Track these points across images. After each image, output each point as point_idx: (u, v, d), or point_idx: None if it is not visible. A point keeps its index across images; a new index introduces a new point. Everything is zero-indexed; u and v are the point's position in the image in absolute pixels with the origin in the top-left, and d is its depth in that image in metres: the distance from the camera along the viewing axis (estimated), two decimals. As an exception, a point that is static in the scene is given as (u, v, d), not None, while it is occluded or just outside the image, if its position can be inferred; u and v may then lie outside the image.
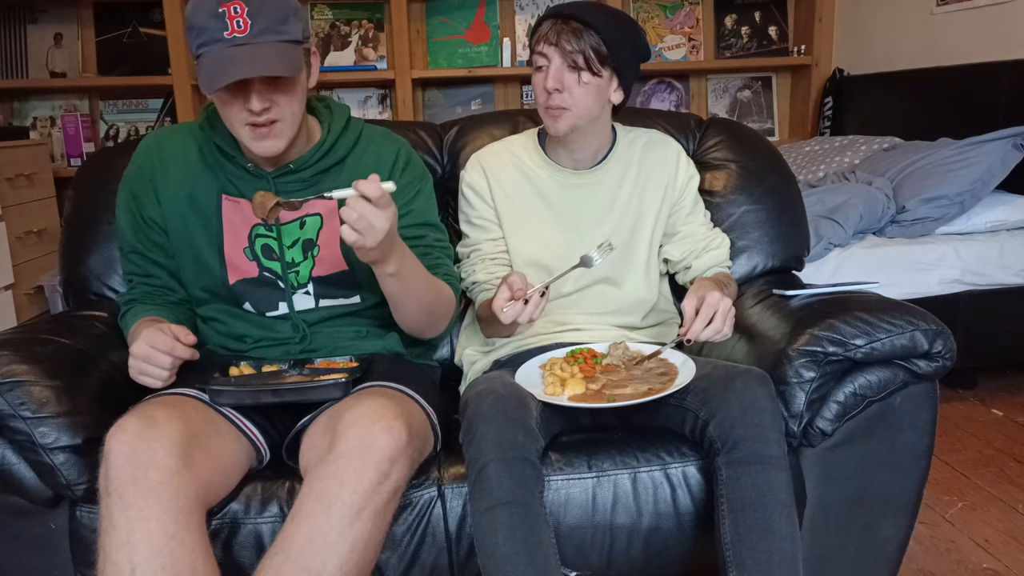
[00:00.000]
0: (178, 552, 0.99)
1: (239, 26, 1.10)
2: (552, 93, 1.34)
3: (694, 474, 1.22)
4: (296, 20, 1.16)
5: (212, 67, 1.10)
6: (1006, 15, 2.66)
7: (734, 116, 3.73)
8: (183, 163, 1.32)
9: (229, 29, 1.10)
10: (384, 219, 1.08)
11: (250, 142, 1.19)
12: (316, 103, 1.36)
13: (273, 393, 1.18)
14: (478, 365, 1.48)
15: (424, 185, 1.39)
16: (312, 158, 1.29)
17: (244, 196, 1.31)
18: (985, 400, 2.47)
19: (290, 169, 1.29)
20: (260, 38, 1.11)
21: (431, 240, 1.38)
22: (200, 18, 1.11)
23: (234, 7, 1.10)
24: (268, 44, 1.12)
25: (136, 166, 1.35)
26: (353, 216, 1.07)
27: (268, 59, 1.11)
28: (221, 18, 1.10)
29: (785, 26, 3.65)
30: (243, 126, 1.18)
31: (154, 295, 1.36)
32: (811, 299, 1.35)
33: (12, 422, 1.13)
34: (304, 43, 1.18)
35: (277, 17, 1.12)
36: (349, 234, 1.08)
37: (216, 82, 1.09)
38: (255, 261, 1.32)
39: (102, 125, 3.44)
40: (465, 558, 1.19)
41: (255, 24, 1.10)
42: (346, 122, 1.35)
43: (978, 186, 2.37)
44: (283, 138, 1.20)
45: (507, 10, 3.53)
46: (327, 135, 1.31)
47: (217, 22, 1.10)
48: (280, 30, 1.13)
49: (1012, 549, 1.68)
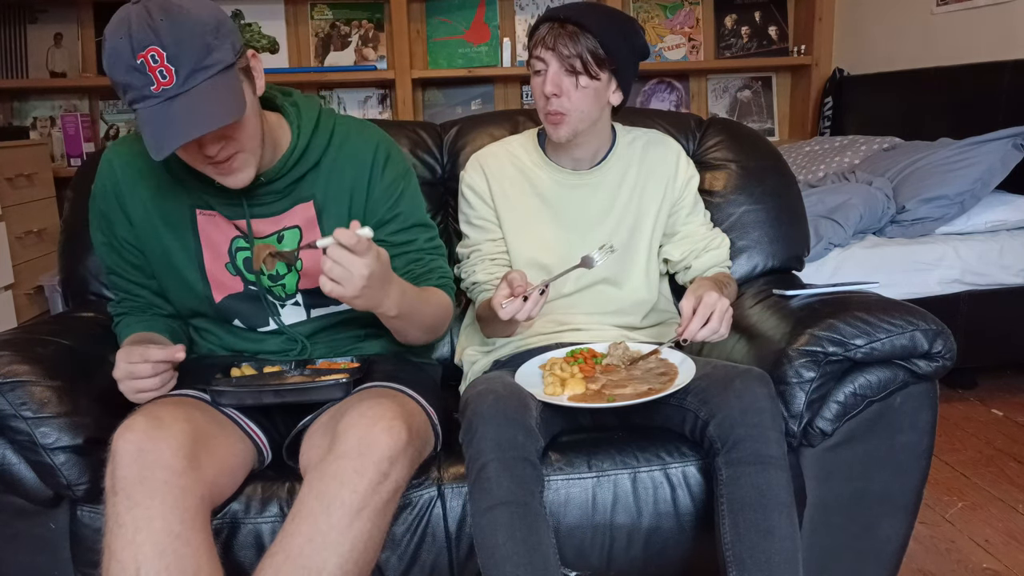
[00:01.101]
0: (183, 552, 0.99)
1: (163, 76, 1.01)
2: (551, 98, 1.34)
3: (694, 474, 1.22)
4: (220, 41, 1.05)
5: (152, 131, 1.03)
6: (1006, 15, 2.66)
7: (734, 116, 3.73)
8: (150, 177, 1.25)
9: (155, 83, 1.01)
10: (363, 266, 1.04)
11: (218, 178, 1.15)
12: (282, 100, 1.27)
13: (275, 393, 1.18)
14: (478, 365, 1.48)
15: (407, 182, 1.33)
16: (284, 168, 1.22)
17: (217, 210, 1.24)
18: (985, 400, 2.47)
19: (261, 182, 1.21)
20: (190, 82, 1.02)
21: (421, 243, 1.34)
22: (119, 74, 1.01)
23: (151, 55, 1.00)
24: (202, 87, 1.03)
25: (101, 184, 1.27)
26: (327, 264, 1.03)
27: (207, 108, 1.02)
28: (142, 70, 1.00)
29: (785, 26, 3.65)
30: (206, 166, 1.13)
31: (144, 308, 1.33)
32: (811, 299, 1.35)
33: (13, 422, 1.13)
34: (236, 62, 1.08)
35: (199, 50, 1.02)
36: (326, 283, 1.04)
37: (163, 149, 1.02)
38: (238, 275, 1.28)
39: (102, 125, 3.44)
40: (465, 558, 1.20)
41: (180, 69, 1.01)
42: (316, 120, 1.26)
43: (978, 186, 2.37)
44: (250, 166, 1.14)
45: (507, 10, 3.53)
46: (297, 140, 1.22)
47: (139, 76, 1.00)
48: (207, 65, 1.03)
49: (1012, 549, 1.68)
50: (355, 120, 1.34)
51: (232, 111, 1.05)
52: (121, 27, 1.01)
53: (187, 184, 1.23)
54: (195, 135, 1.02)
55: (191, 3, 1.04)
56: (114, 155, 1.27)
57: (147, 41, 0.99)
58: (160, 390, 1.15)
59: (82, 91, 3.39)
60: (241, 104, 1.07)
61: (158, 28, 1.00)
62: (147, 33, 0.99)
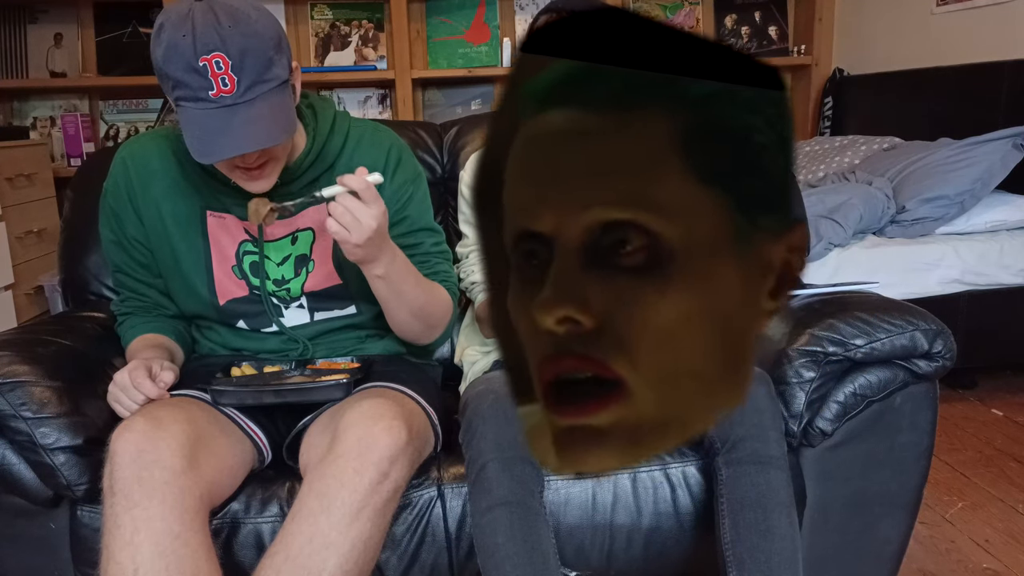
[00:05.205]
0: (182, 552, 0.99)
1: (225, 84, 1.01)
2: None
3: (694, 474, 1.22)
4: (280, 56, 1.06)
5: (201, 134, 1.03)
6: (1006, 15, 2.66)
7: (734, 116, 3.72)
8: (164, 178, 1.25)
9: (214, 88, 1.01)
10: (370, 216, 1.05)
11: (243, 183, 1.15)
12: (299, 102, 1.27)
13: (275, 393, 1.18)
14: (478, 365, 1.48)
15: (417, 186, 1.34)
16: (299, 169, 1.23)
17: (230, 212, 1.25)
18: (985, 400, 2.47)
19: (277, 184, 1.21)
20: (249, 94, 1.02)
21: (428, 247, 1.34)
22: (176, 71, 1.01)
23: (216, 61, 0.99)
24: (259, 101, 1.03)
25: (113, 180, 1.27)
26: (339, 210, 1.05)
27: (264, 123, 1.04)
28: (203, 74, 1.00)
29: (785, 26, 3.65)
30: (233, 170, 1.13)
31: (149, 308, 1.33)
32: (811, 299, 1.35)
33: (13, 422, 1.13)
34: (290, 78, 1.10)
35: (262, 64, 1.03)
36: (333, 226, 1.06)
37: (213, 155, 1.03)
38: (244, 279, 1.28)
39: (102, 125, 3.44)
40: (465, 558, 1.19)
41: (242, 80, 1.01)
42: (332, 123, 1.27)
43: (978, 186, 2.37)
44: (276, 173, 1.16)
45: (507, 10, 3.52)
46: (312, 143, 1.23)
47: (199, 79, 1.00)
48: (267, 79, 1.04)
49: (1012, 549, 1.68)
50: (369, 123, 1.35)
51: (286, 129, 1.07)
52: (183, 24, 1.00)
53: (200, 186, 1.24)
54: (250, 149, 1.03)
55: (255, 13, 1.05)
56: (128, 154, 1.28)
57: (213, 46, 0.99)
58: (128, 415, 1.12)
59: (82, 91, 3.39)
60: (293, 122, 1.09)
61: (226, 35, 1.00)
62: (214, 38, 0.99)
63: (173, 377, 1.16)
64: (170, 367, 1.17)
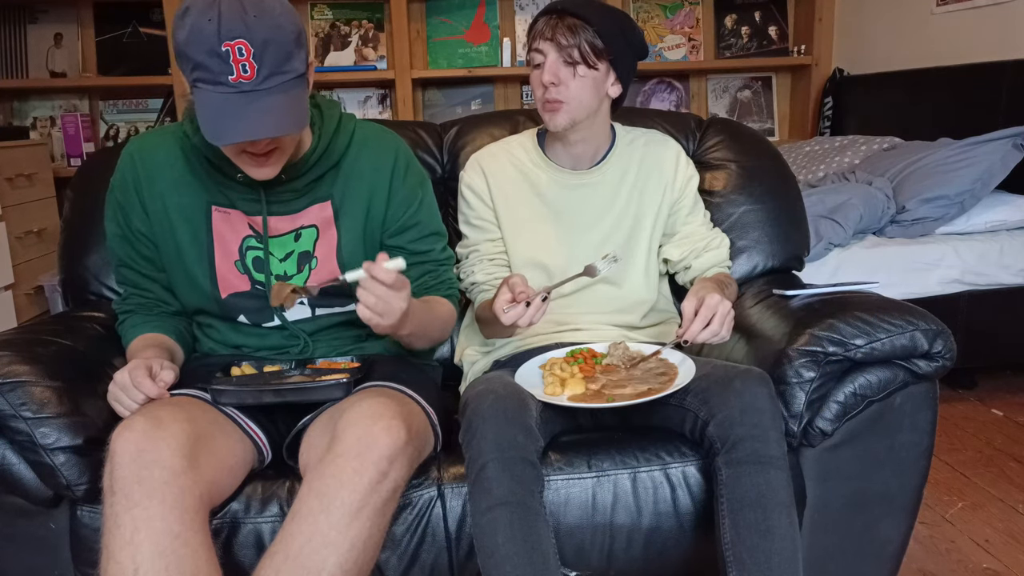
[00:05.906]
0: (182, 552, 0.99)
1: (245, 71, 1.03)
2: (548, 87, 1.34)
3: (694, 474, 1.22)
4: (299, 50, 1.09)
5: (216, 116, 1.05)
6: (1006, 15, 2.66)
7: (734, 116, 3.73)
8: (170, 172, 1.27)
9: (234, 73, 1.03)
10: (401, 300, 1.09)
11: (248, 169, 1.16)
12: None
13: (275, 393, 1.18)
14: (478, 365, 1.48)
15: (425, 192, 1.37)
16: (305, 166, 1.24)
17: (235, 207, 1.27)
18: (985, 400, 2.47)
19: (281, 179, 1.23)
20: (267, 83, 1.05)
21: (436, 254, 1.38)
22: (198, 53, 1.02)
23: (238, 47, 1.02)
24: (276, 91, 1.06)
25: (120, 175, 1.29)
26: (372, 300, 1.08)
27: (279, 112, 1.06)
28: (224, 59, 1.02)
29: (785, 26, 3.65)
30: (240, 154, 1.14)
31: (150, 307, 1.34)
32: (811, 299, 1.35)
33: (13, 422, 1.13)
34: (307, 72, 1.12)
35: (282, 56, 1.05)
36: (365, 312, 1.09)
37: (225, 137, 1.05)
38: (246, 274, 1.29)
39: (102, 125, 3.44)
40: (465, 558, 1.19)
41: (261, 68, 1.04)
42: (337, 123, 1.28)
43: (978, 186, 2.37)
44: (281, 162, 1.17)
45: (507, 10, 3.53)
46: (318, 141, 1.25)
47: (220, 63, 1.02)
48: (285, 70, 1.06)
49: (1012, 549, 1.68)
50: (374, 124, 1.37)
51: (299, 121, 1.10)
52: (210, 9, 1.02)
53: (206, 181, 1.26)
54: (264, 136, 1.06)
55: (280, 7, 1.07)
56: (135, 149, 1.30)
57: (238, 33, 1.02)
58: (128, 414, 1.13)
59: (82, 91, 3.39)
60: (306, 114, 1.11)
61: (250, 23, 1.02)
62: (239, 25, 1.02)
63: (173, 376, 1.16)
64: (170, 366, 1.17)
